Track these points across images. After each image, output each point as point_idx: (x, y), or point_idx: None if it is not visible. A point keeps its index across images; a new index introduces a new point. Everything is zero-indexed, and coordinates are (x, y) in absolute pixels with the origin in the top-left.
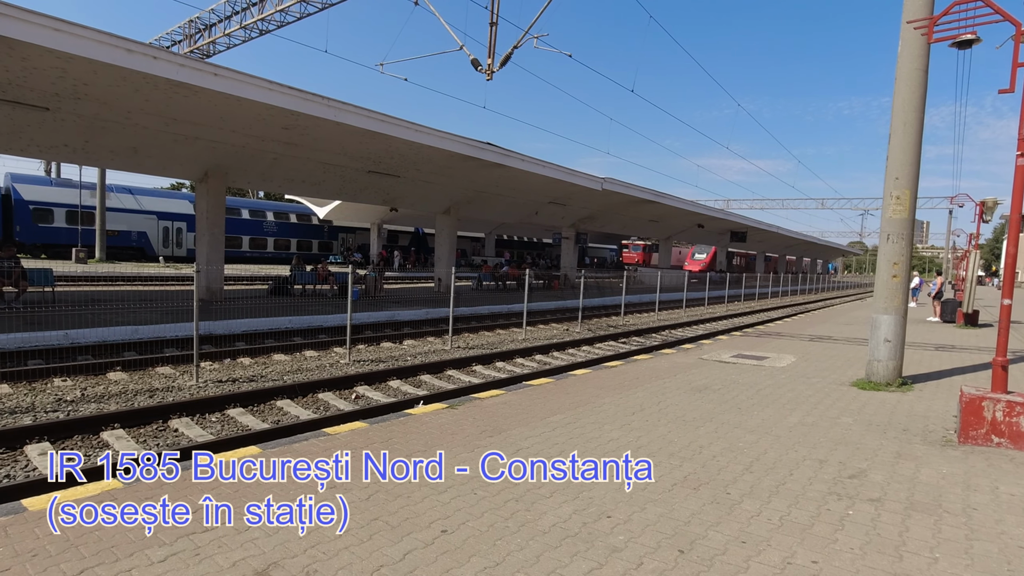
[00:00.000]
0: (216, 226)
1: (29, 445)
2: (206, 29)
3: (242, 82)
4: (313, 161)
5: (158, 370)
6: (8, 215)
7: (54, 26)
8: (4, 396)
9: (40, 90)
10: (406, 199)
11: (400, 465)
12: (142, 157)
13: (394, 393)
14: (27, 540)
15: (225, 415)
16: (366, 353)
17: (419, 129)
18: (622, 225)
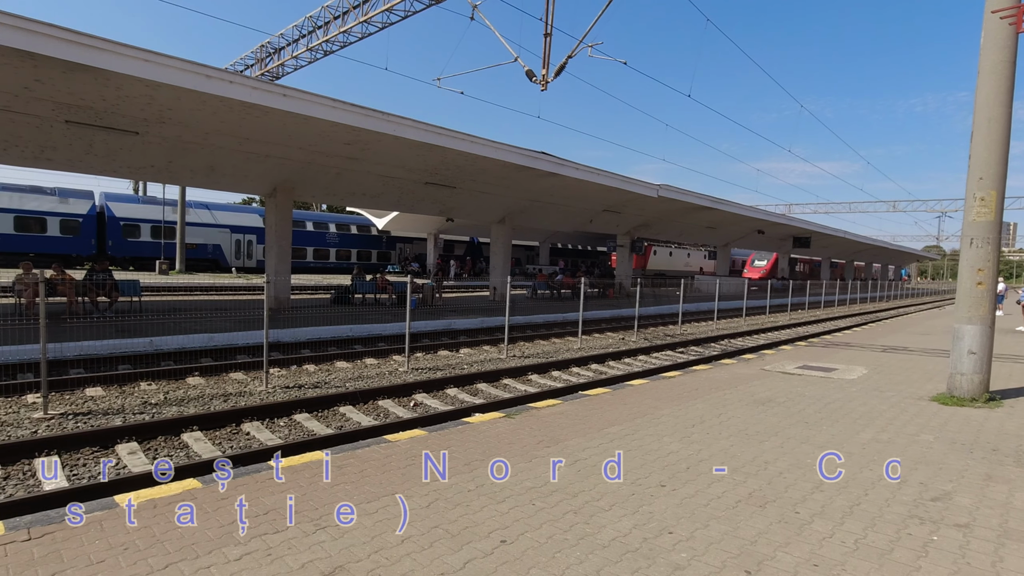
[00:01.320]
0: (284, 238)
1: (119, 444)
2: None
3: (309, 101)
4: (373, 174)
5: (231, 375)
6: (102, 231)
7: (144, 57)
8: (98, 398)
9: (131, 116)
10: (462, 209)
11: (459, 474)
12: (218, 175)
13: (451, 401)
14: (119, 534)
15: (292, 420)
16: (424, 361)
17: (474, 140)
18: (678, 232)
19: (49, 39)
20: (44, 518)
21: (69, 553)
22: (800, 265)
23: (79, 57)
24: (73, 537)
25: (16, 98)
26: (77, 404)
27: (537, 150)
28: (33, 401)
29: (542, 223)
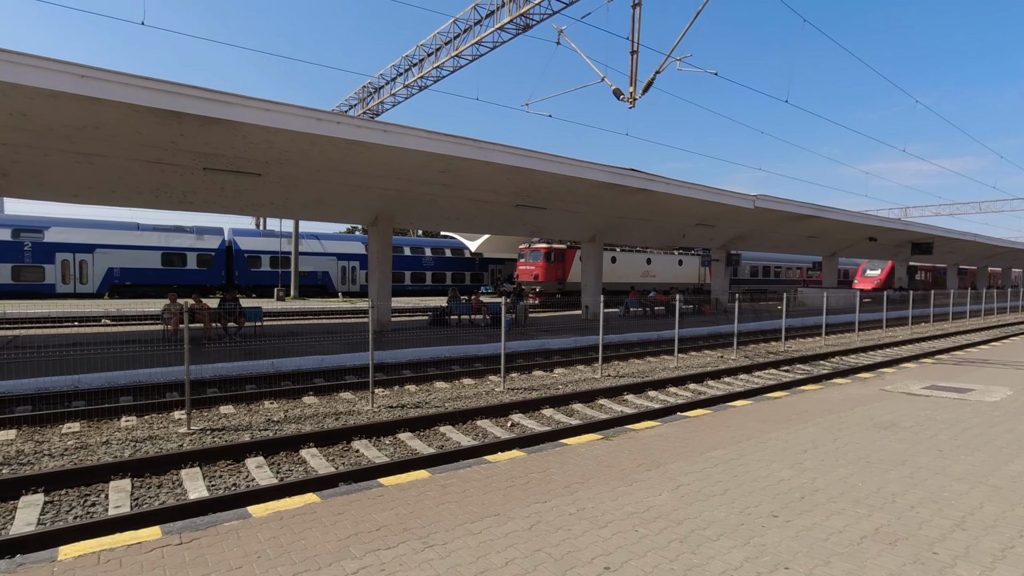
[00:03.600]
0: (384, 264)
1: (248, 458)
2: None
3: (406, 135)
4: (465, 199)
5: (341, 395)
6: (230, 263)
7: (266, 107)
8: (229, 415)
9: (254, 159)
10: (552, 229)
11: (559, 496)
12: (326, 207)
13: (547, 422)
14: (252, 543)
15: (396, 439)
16: (519, 381)
17: (562, 161)
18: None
19: (192, 99)
20: (191, 524)
21: (213, 558)
22: (921, 273)
23: (215, 112)
24: (216, 543)
25: (165, 151)
26: (213, 420)
27: (626, 167)
28: (179, 417)
29: (633, 239)
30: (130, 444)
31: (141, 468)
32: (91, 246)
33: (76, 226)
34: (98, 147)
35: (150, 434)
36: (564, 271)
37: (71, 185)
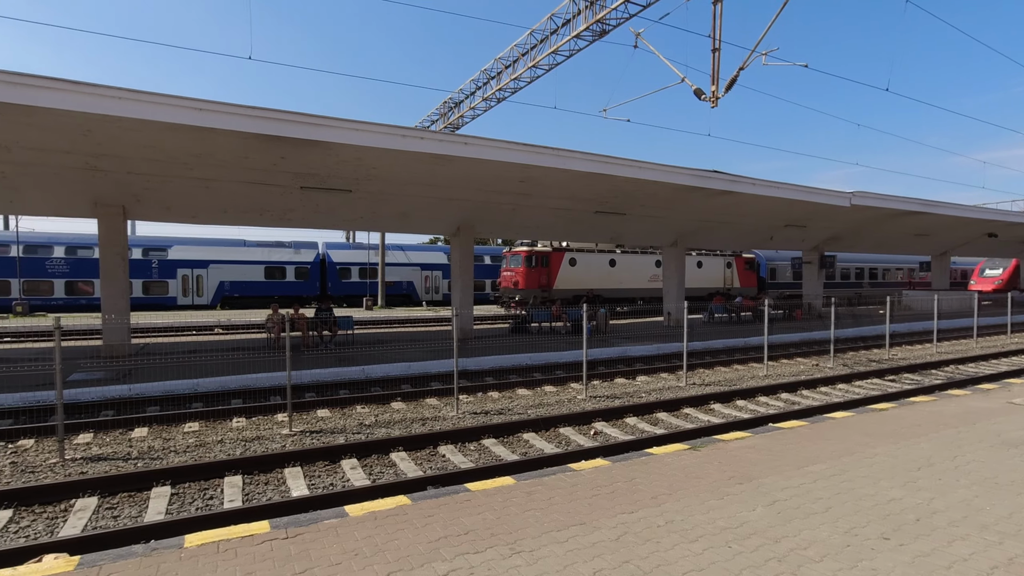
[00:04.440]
0: (466, 273)
1: (343, 460)
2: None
3: (485, 146)
4: (544, 207)
5: (427, 401)
6: (324, 274)
7: (355, 127)
8: (325, 419)
9: (345, 177)
10: (632, 235)
11: (646, 507)
12: (411, 220)
13: (631, 431)
14: (349, 541)
15: (481, 444)
16: (601, 389)
17: (641, 166)
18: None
19: (291, 123)
20: (295, 520)
21: (315, 553)
22: None
23: (311, 134)
24: (317, 539)
25: (267, 173)
26: (311, 423)
27: (709, 169)
28: (281, 419)
29: (716, 243)
30: (241, 443)
31: (250, 466)
32: (206, 262)
33: (193, 244)
34: (211, 172)
35: (257, 434)
36: (549, 277)
37: (190, 207)
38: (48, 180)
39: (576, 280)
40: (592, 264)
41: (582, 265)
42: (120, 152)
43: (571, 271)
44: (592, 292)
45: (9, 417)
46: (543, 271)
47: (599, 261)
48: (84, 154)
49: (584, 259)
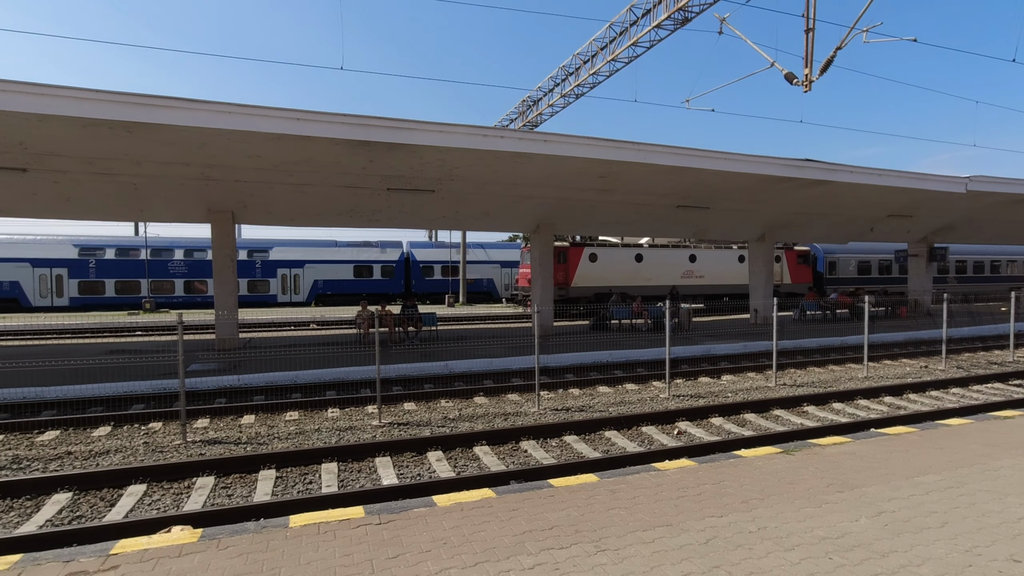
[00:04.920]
0: (546, 270)
1: (429, 452)
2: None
3: (565, 143)
4: (624, 203)
5: (508, 397)
6: (408, 272)
7: (439, 129)
8: (411, 412)
9: (429, 178)
10: (716, 229)
11: (736, 512)
12: (491, 218)
13: (717, 431)
14: (438, 530)
15: (562, 441)
16: (684, 388)
17: (727, 157)
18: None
19: (380, 128)
20: (387, 507)
21: (406, 540)
22: None
23: (398, 138)
24: (408, 527)
25: (357, 176)
26: (398, 415)
27: (801, 158)
28: (371, 411)
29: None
30: (335, 432)
31: (344, 454)
32: (302, 262)
33: (291, 245)
34: (308, 178)
35: (350, 425)
36: (567, 274)
37: (290, 211)
38: (170, 190)
39: (598, 277)
40: (616, 260)
41: (604, 261)
42: (230, 162)
43: (592, 268)
44: (616, 290)
45: (141, 402)
46: (559, 268)
47: (624, 256)
48: (200, 165)
49: (607, 254)
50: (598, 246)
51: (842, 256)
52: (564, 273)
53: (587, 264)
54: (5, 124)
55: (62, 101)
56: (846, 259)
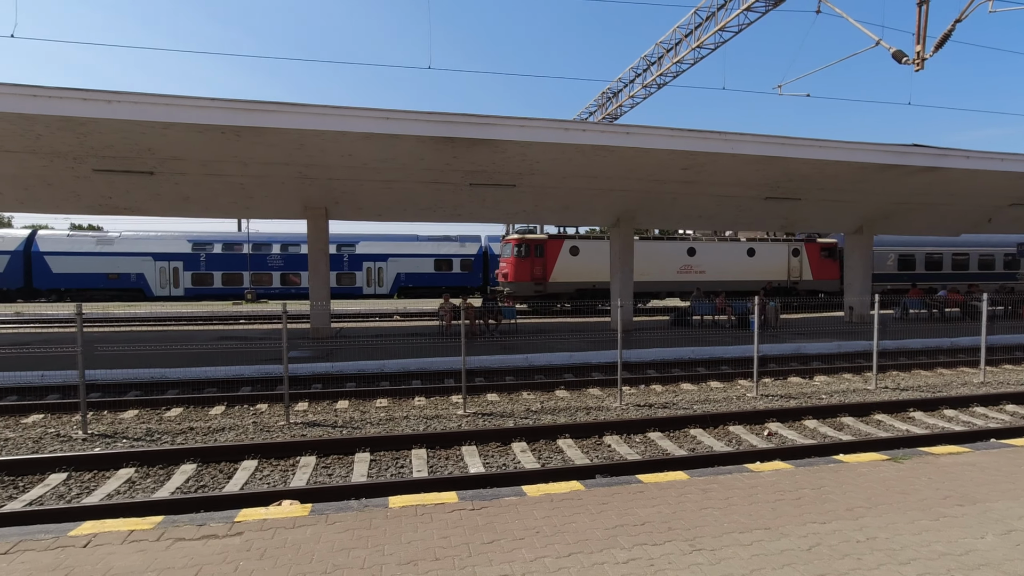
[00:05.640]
0: (626, 264)
1: (514, 443)
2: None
3: (648, 135)
4: (708, 195)
5: (589, 391)
6: (486, 266)
7: (520, 124)
8: (494, 403)
9: (510, 172)
10: (807, 222)
11: (840, 519)
12: (571, 212)
13: (811, 434)
14: (529, 519)
15: (646, 437)
16: (772, 387)
17: (822, 145)
18: None
19: (463, 125)
20: (479, 494)
21: (500, 527)
22: None
23: (480, 133)
24: (500, 514)
25: (440, 172)
26: (482, 406)
27: (906, 144)
28: (456, 401)
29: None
30: (423, 420)
31: (433, 441)
32: (385, 256)
33: (375, 240)
34: (394, 174)
35: (436, 413)
36: (545, 269)
37: (376, 207)
38: (272, 188)
39: (578, 272)
40: (600, 253)
41: (587, 254)
42: (324, 161)
43: (572, 261)
44: (600, 286)
45: (248, 384)
46: (537, 262)
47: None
48: (298, 165)
49: (589, 247)
50: (580, 239)
51: (877, 249)
52: (542, 267)
53: (567, 258)
54: (137, 132)
55: (184, 110)
56: (882, 252)
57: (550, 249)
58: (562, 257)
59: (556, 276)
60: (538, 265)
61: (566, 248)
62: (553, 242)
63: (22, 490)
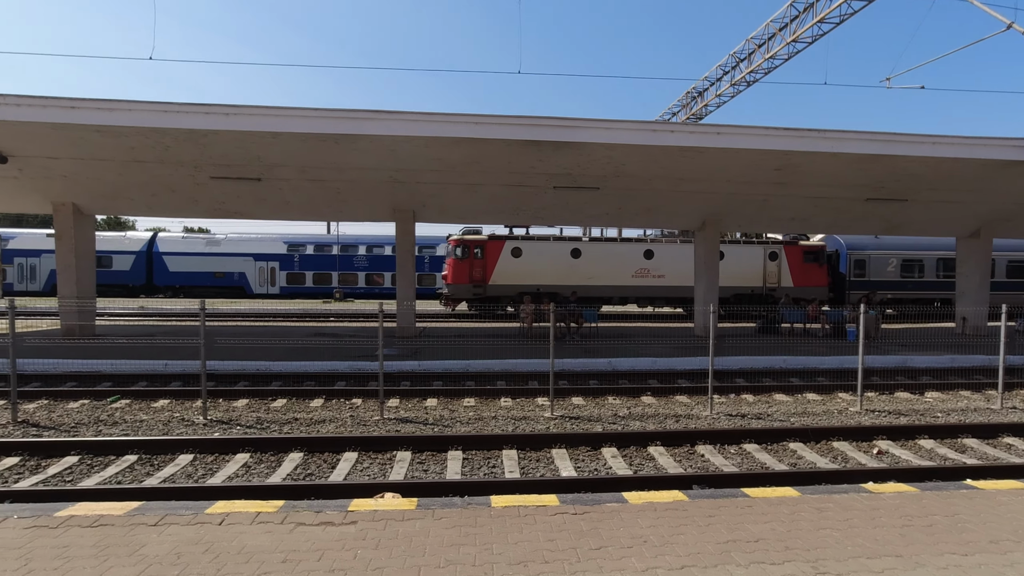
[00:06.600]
0: (711, 269)
1: (603, 448)
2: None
3: (739, 134)
4: (801, 197)
5: (676, 398)
6: None
7: (606, 126)
8: (580, 406)
9: (594, 175)
10: (912, 224)
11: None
12: (655, 215)
13: (929, 455)
14: (635, 527)
15: (742, 449)
16: (877, 402)
17: (936, 140)
18: None
19: (549, 128)
20: (579, 499)
21: (605, 533)
22: None
23: (565, 136)
24: (604, 520)
25: (524, 175)
26: (569, 409)
27: None
28: (541, 403)
29: None
30: (510, 421)
31: (522, 442)
32: None
33: None
34: (479, 178)
35: (523, 415)
36: (484, 271)
37: (460, 209)
38: (364, 192)
39: (522, 275)
40: (545, 255)
41: (531, 256)
42: (414, 165)
43: (514, 264)
44: (545, 289)
45: (342, 379)
46: (476, 264)
47: (556, 251)
48: (389, 169)
49: (534, 249)
50: (523, 239)
51: (875, 253)
52: (481, 269)
53: (508, 260)
54: (249, 142)
55: (291, 119)
56: (882, 257)
57: (490, 250)
58: (503, 259)
59: (497, 279)
60: (477, 267)
61: (507, 249)
62: (493, 243)
63: (157, 467)
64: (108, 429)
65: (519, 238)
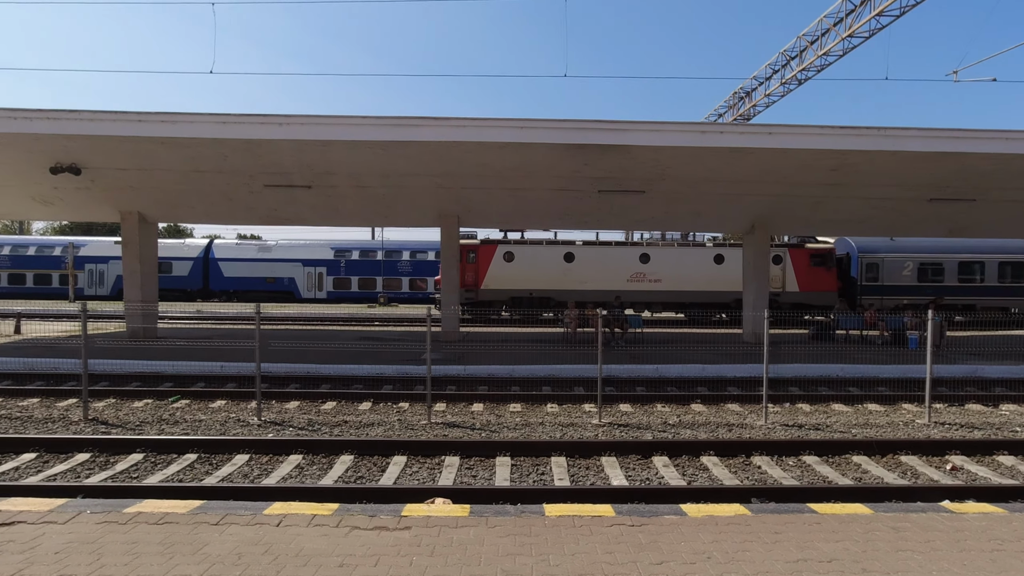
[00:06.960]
0: (761, 273)
1: (654, 456)
2: (747, 95)
3: (792, 134)
4: (857, 198)
5: (727, 406)
6: None
7: (653, 128)
8: (628, 413)
9: (639, 178)
10: (981, 226)
11: None
12: (702, 218)
13: (1011, 473)
14: (696, 542)
15: (801, 461)
16: (946, 414)
17: (1009, 136)
18: None
19: (594, 131)
20: (635, 510)
21: (665, 547)
22: None
23: (611, 139)
24: (662, 533)
25: (569, 180)
26: (616, 416)
27: None
28: (588, 409)
29: None
30: (558, 427)
31: (571, 450)
32: None
33: None
34: (523, 182)
35: (570, 421)
36: (476, 275)
37: (504, 214)
38: (409, 198)
39: (514, 279)
40: (538, 259)
41: (523, 260)
42: (459, 171)
43: (507, 268)
44: (538, 294)
45: (389, 383)
46: (468, 268)
47: (549, 256)
48: (434, 175)
49: (527, 253)
50: (515, 244)
51: (889, 256)
52: (473, 274)
53: (500, 264)
54: (300, 150)
55: (342, 128)
56: (897, 260)
57: (482, 255)
58: (495, 263)
59: (489, 283)
60: (469, 271)
61: (500, 253)
62: (486, 247)
63: (215, 466)
64: (170, 428)
65: (512, 242)
